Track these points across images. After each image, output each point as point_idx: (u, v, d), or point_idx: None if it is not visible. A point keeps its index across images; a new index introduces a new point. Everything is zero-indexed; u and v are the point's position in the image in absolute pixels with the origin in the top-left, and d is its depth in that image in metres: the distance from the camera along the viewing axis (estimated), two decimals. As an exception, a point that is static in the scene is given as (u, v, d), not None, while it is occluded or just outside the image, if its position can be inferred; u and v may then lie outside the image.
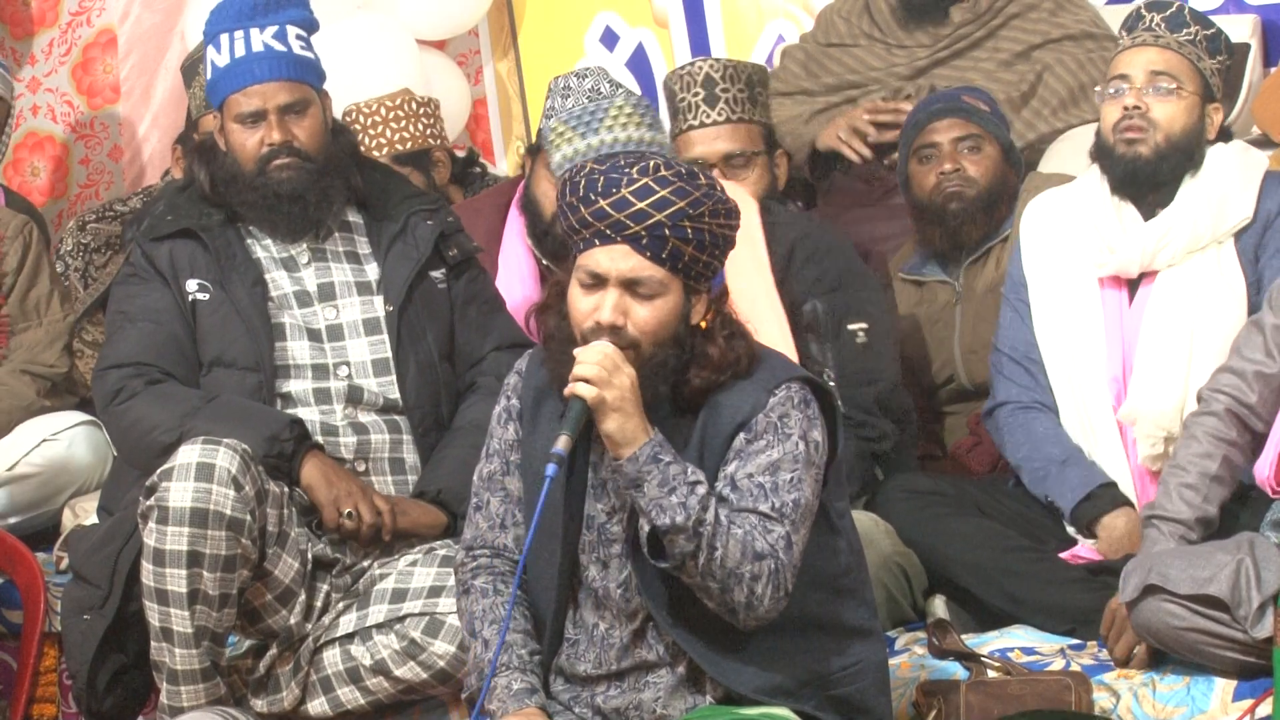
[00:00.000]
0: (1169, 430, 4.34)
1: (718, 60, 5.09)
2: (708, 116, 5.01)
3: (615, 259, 3.47)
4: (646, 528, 3.42)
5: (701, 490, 3.40)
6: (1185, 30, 4.49)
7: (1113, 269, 4.49)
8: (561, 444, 3.43)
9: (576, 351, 3.46)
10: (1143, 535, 4.12)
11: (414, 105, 5.54)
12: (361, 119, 5.62)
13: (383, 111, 5.56)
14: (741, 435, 3.48)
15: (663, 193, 3.45)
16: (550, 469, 3.43)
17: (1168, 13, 4.51)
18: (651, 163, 3.50)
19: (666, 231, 3.45)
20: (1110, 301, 4.51)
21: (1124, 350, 4.48)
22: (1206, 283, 4.42)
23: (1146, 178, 4.49)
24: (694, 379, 3.51)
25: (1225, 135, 4.56)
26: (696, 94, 5.02)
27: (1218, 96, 4.54)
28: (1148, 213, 4.51)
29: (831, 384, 4.44)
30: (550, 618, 3.61)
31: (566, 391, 3.45)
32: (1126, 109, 4.47)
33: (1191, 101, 4.49)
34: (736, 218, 3.54)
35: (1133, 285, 4.51)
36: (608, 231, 3.47)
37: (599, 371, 3.41)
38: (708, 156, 4.98)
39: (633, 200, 3.45)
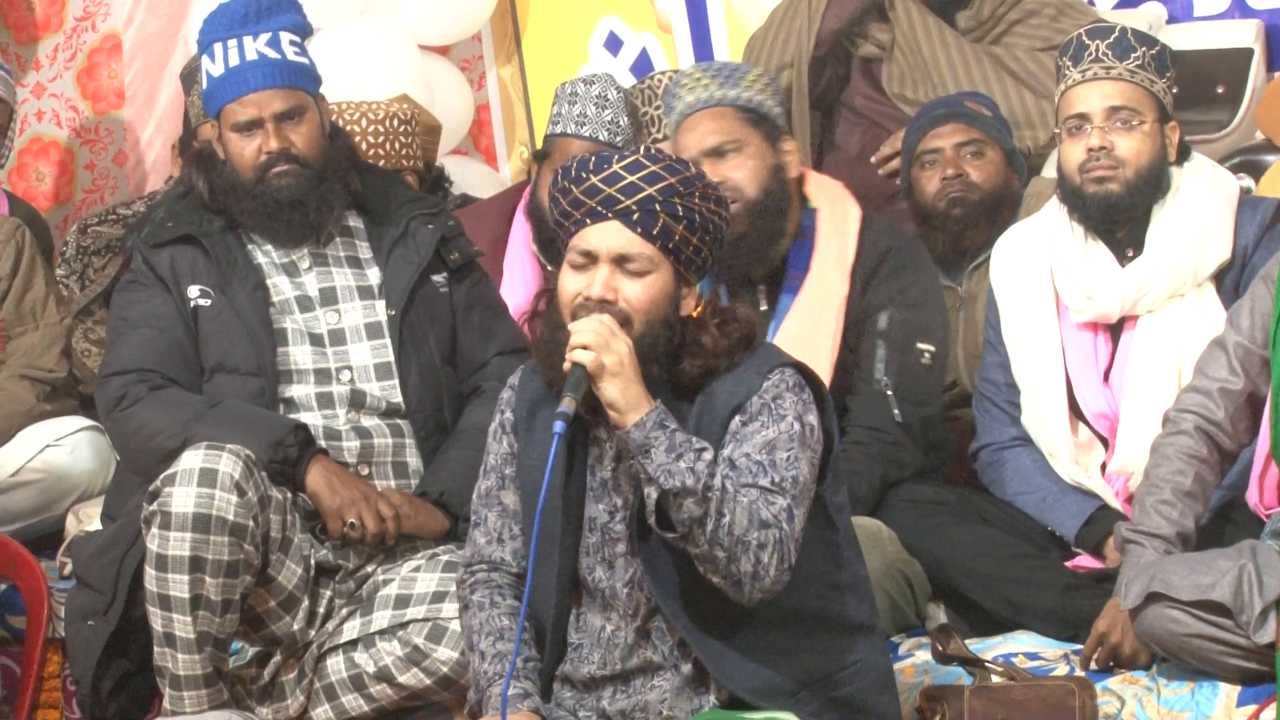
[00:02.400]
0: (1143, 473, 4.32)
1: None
2: None
3: (606, 236, 3.51)
4: (654, 495, 3.42)
5: (709, 456, 3.42)
6: (1133, 55, 4.41)
7: (1091, 316, 4.46)
8: (565, 404, 3.44)
9: (571, 325, 3.48)
10: (1124, 551, 4.09)
11: (396, 122, 5.40)
12: (340, 123, 5.55)
13: (363, 122, 5.40)
14: (737, 418, 3.50)
15: (653, 168, 3.50)
16: (558, 426, 3.43)
17: (1111, 39, 4.42)
18: (642, 146, 3.56)
19: (657, 207, 3.48)
20: (1086, 340, 4.48)
21: (1107, 386, 4.45)
22: (1190, 327, 4.39)
23: (1122, 213, 4.44)
24: (689, 367, 3.53)
25: (1184, 151, 4.50)
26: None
27: (1172, 115, 4.48)
28: (1119, 252, 4.47)
29: (889, 393, 4.50)
30: (551, 624, 3.62)
31: (565, 362, 3.46)
32: (1091, 150, 4.41)
33: (1153, 130, 4.43)
34: (726, 208, 3.58)
35: (1113, 326, 4.48)
36: (599, 208, 3.50)
37: (596, 338, 3.43)
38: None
39: (624, 174, 3.49)
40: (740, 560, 3.41)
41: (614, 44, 6.52)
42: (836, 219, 4.62)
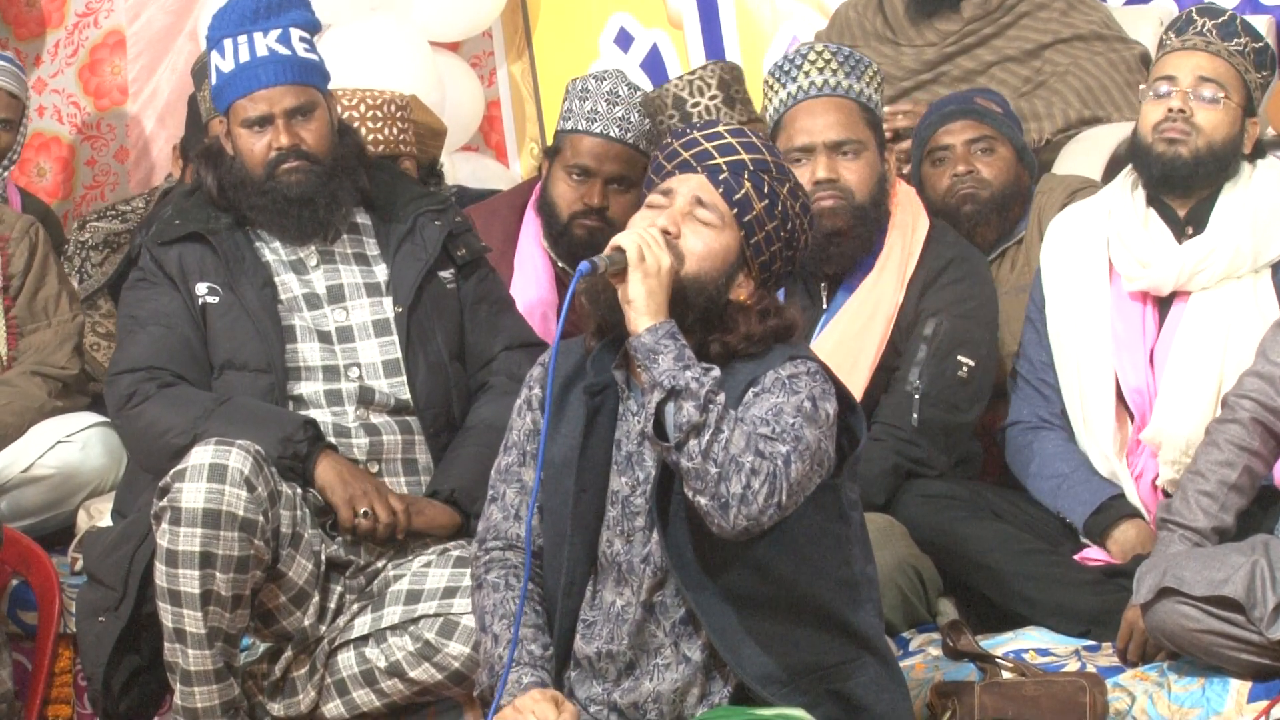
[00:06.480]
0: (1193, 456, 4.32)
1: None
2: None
3: (689, 183, 3.54)
4: (655, 400, 3.39)
5: (716, 374, 3.41)
6: (1236, 40, 4.45)
7: (1145, 285, 4.45)
8: (593, 259, 3.46)
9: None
10: (1157, 536, 4.12)
11: (393, 108, 5.34)
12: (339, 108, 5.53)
13: (361, 108, 5.32)
14: (750, 391, 3.49)
15: (754, 140, 3.57)
16: (583, 266, 3.45)
17: (1220, 19, 4.47)
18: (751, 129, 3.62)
19: (745, 174, 3.53)
20: (1135, 312, 4.47)
21: (1150, 363, 4.44)
22: (1241, 311, 4.38)
23: (1181, 180, 4.44)
24: (714, 343, 3.52)
25: (1259, 150, 4.51)
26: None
27: (1257, 111, 4.49)
28: (1178, 229, 4.46)
29: (916, 397, 4.48)
30: (569, 601, 3.61)
31: (608, 248, 3.48)
32: (1171, 110, 4.43)
33: (1235, 113, 4.44)
34: (810, 220, 3.61)
35: (1162, 301, 4.48)
36: (691, 160, 3.55)
37: (644, 237, 3.46)
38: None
39: (725, 135, 3.56)
40: (731, 480, 3.36)
41: (625, 40, 6.52)
42: (905, 228, 4.60)
